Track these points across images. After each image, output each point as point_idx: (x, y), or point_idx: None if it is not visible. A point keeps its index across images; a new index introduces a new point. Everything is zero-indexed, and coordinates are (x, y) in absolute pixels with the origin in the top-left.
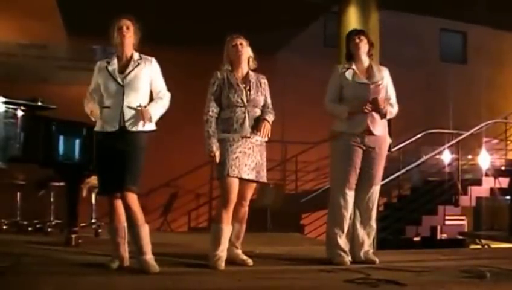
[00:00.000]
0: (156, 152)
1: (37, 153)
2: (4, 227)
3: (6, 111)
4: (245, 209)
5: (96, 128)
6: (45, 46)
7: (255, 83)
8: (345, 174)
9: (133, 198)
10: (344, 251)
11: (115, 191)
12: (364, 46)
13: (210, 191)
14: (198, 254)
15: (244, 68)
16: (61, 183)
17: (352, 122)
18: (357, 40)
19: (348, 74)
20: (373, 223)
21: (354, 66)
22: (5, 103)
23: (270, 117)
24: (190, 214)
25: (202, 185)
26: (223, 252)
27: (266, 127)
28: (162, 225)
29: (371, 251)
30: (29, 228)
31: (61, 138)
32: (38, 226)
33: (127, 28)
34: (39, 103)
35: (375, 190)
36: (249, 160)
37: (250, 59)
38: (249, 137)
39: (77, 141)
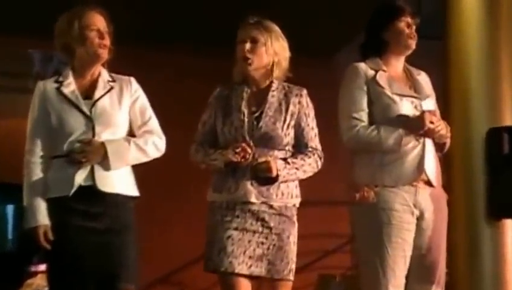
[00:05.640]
0: (147, 229)
1: None
2: None
3: None
4: None
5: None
6: None
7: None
8: (387, 265)
9: None
10: None
11: None
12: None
13: None
14: None
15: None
16: None
17: (394, 168)
18: (408, 30)
19: (381, 80)
20: None
21: (384, 67)
22: None
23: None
24: None
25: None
26: None
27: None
28: None
29: None
30: None
31: None
32: None
33: (107, 32)
34: None
35: None
36: (252, 242)
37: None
38: (253, 203)
39: (9, 216)
